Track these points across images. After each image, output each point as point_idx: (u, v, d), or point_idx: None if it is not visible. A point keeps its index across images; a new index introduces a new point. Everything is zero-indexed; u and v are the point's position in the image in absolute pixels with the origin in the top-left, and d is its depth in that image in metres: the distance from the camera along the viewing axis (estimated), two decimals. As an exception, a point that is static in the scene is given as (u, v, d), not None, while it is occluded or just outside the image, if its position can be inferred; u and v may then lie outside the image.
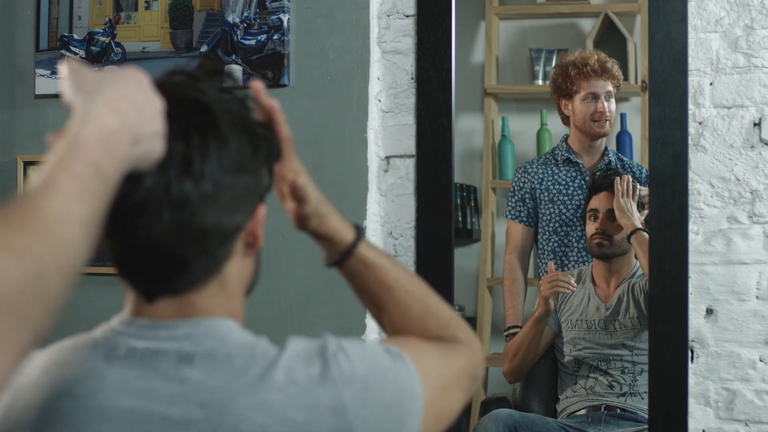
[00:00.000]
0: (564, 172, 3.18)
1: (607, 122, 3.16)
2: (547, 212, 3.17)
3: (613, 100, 3.17)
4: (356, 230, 1.17)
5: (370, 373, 1.00)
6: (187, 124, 0.98)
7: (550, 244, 3.18)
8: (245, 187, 1.02)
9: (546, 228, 3.18)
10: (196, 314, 1.01)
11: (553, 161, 3.21)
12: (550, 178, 3.19)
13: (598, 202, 2.97)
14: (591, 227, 2.98)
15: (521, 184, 3.23)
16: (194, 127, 0.98)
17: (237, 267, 1.04)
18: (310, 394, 0.96)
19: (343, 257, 1.15)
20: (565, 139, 3.24)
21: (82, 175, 0.85)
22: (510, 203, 3.26)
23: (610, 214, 2.94)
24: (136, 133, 0.91)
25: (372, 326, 2.44)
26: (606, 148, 3.20)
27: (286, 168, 1.10)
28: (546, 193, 3.18)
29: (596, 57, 3.17)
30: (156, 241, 0.97)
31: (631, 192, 2.91)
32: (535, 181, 3.21)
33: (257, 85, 1.06)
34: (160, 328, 1.00)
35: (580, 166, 3.17)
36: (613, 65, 3.16)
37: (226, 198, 0.99)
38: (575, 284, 2.90)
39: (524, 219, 3.23)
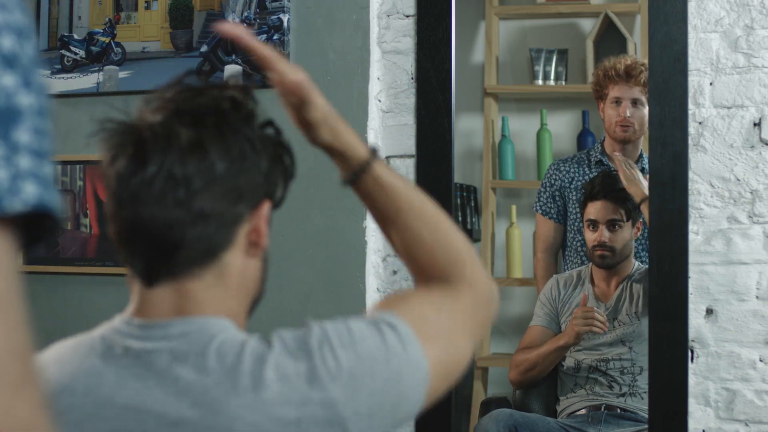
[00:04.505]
0: (594, 174, 3.16)
1: (630, 128, 3.06)
2: (574, 212, 3.16)
3: (641, 107, 3.04)
4: (372, 149, 1.15)
5: (357, 362, 0.99)
6: (200, 114, 1.01)
7: (575, 243, 3.19)
8: (250, 180, 1.03)
9: (572, 227, 3.19)
10: (192, 309, 1.01)
11: (586, 162, 3.20)
12: (581, 178, 3.18)
13: (595, 211, 2.92)
14: (591, 237, 2.94)
15: (552, 181, 3.23)
16: (205, 116, 1.01)
17: (238, 261, 1.04)
18: (299, 392, 0.96)
19: (357, 174, 1.13)
20: (602, 141, 3.22)
21: None
22: (540, 199, 3.26)
23: (610, 224, 2.90)
24: None
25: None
26: (641, 155, 3.10)
27: (278, 70, 1.10)
28: (575, 193, 3.17)
29: (627, 61, 3.08)
30: (158, 219, 0.99)
31: (631, 165, 2.89)
32: (566, 180, 3.20)
33: (223, 28, 1.09)
34: (156, 327, 1.00)
35: (612, 169, 3.14)
36: (642, 71, 3.02)
37: (227, 185, 1.01)
38: (607, 325, 2.87)
39: (554, 216, 3.23)
